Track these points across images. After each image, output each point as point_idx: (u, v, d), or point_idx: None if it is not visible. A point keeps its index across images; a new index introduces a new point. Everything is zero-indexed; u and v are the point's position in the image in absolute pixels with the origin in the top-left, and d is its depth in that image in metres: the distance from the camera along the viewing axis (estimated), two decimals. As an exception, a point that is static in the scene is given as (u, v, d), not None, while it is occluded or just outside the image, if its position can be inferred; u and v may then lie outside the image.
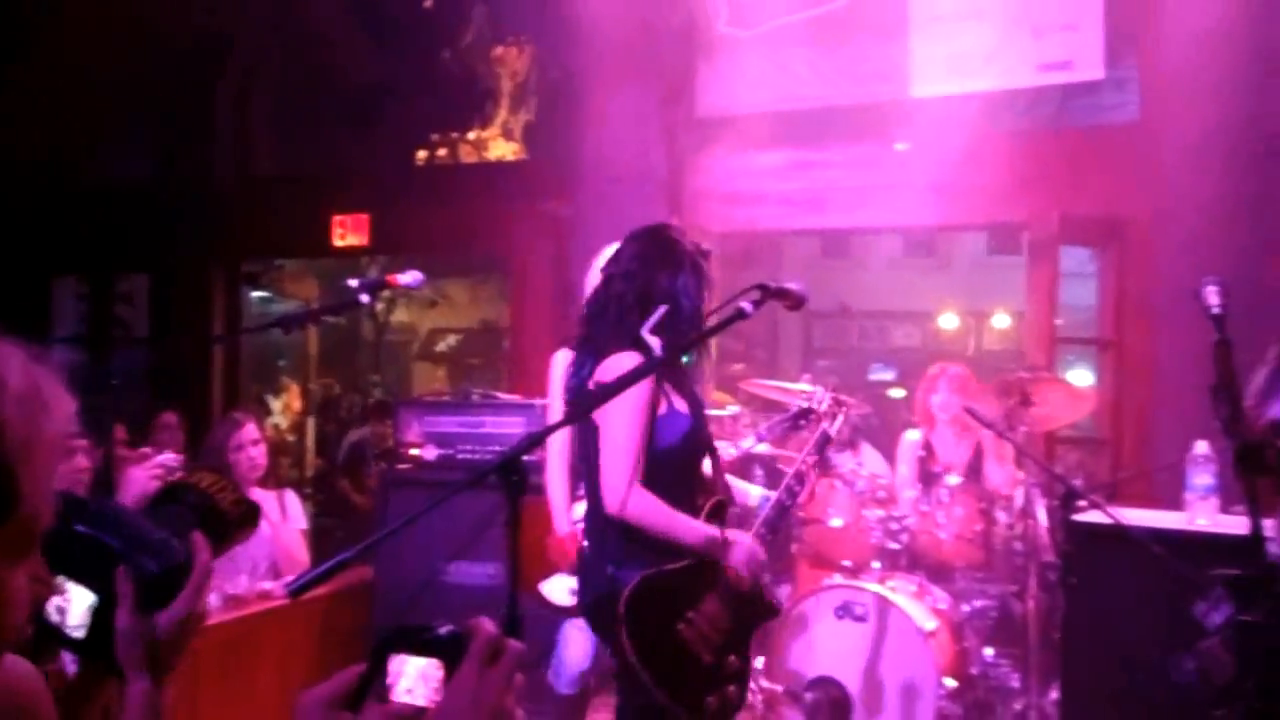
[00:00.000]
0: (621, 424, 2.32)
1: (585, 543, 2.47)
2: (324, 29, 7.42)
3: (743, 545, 2.42)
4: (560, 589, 3.33)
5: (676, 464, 2.41)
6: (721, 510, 2.48)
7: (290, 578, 3.06)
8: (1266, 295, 4.17)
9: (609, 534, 2.36)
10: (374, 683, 0.91)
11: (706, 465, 2.54)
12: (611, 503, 2.29)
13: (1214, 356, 2.01)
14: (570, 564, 3.28)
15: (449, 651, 0.89)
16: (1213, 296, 2.11)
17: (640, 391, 2.28)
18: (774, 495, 2.95)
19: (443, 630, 0.91)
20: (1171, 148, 4.94)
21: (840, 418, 3.18)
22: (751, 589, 2.42)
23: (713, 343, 2.66)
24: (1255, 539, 1.80)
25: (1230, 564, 2.10)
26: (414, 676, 0.90)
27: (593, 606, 2.43)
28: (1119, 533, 3.09)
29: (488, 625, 0.90)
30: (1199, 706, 2.34)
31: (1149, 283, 5.09)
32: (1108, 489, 4.49)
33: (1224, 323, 2.08)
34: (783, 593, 4.29)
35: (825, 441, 3.06)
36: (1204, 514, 3.15)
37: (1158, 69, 5.17)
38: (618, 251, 2.57)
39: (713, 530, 2.39)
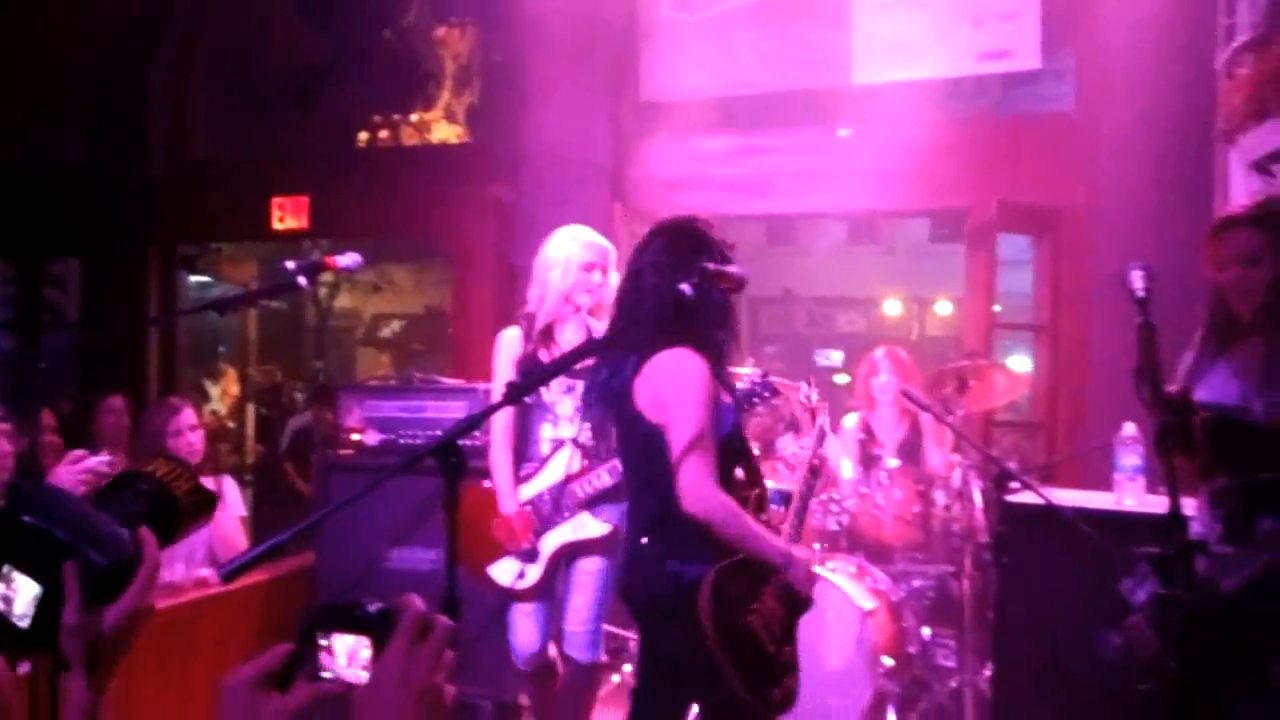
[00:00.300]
0: (698, 421, 2.26)
1: (643, 539, 2.39)
2: (262, 8, 7.27)
3: (804, 561, 2.41)
4: (508, 572, 3.31)
5: (727, 456, 2.36)
6: (762, 502, 2.47)
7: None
8: (1198, 282, 4.30)
9: (673, 530, 2.31)
10: (302, 661, 0.90)
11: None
12: (693, 502, 2.24)
13: (1138, 339, 2.07)
14: (517, 546, 3.28)
15: (378, 629, 0.89)
16: (1138, 281, 2.17)
17: (707, 386, 2.28)
18: (789, 488, 2.96)
19: (372, 608, 0.90)
20: (1106, 138, 5.06)
21: (825, 408, 3.22)
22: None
23: (743, 326, 2.56)
24: (1174, 516, 1.86)
25: (1155, 542, 2.16)
26: (343, 654, 0.89)
27: (654, 601, 2.36)
28: (1050, 513, 3.16)
29: (416, 602, 0.90)
30: (1125, 681, 2.41)
31: (1084, 269, 5.21)
32: (1042, 471, 4.59)
33: (1148, 306, 2.14)
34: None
35: (823, 435, 3.06)
36: (1131, 494, 3.23)
37: (1094, 60, 5.28)
38: (644, 244, 2.51)
39: (782, 544, 2.39)
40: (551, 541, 3.26)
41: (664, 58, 5.96)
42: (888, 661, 3.89)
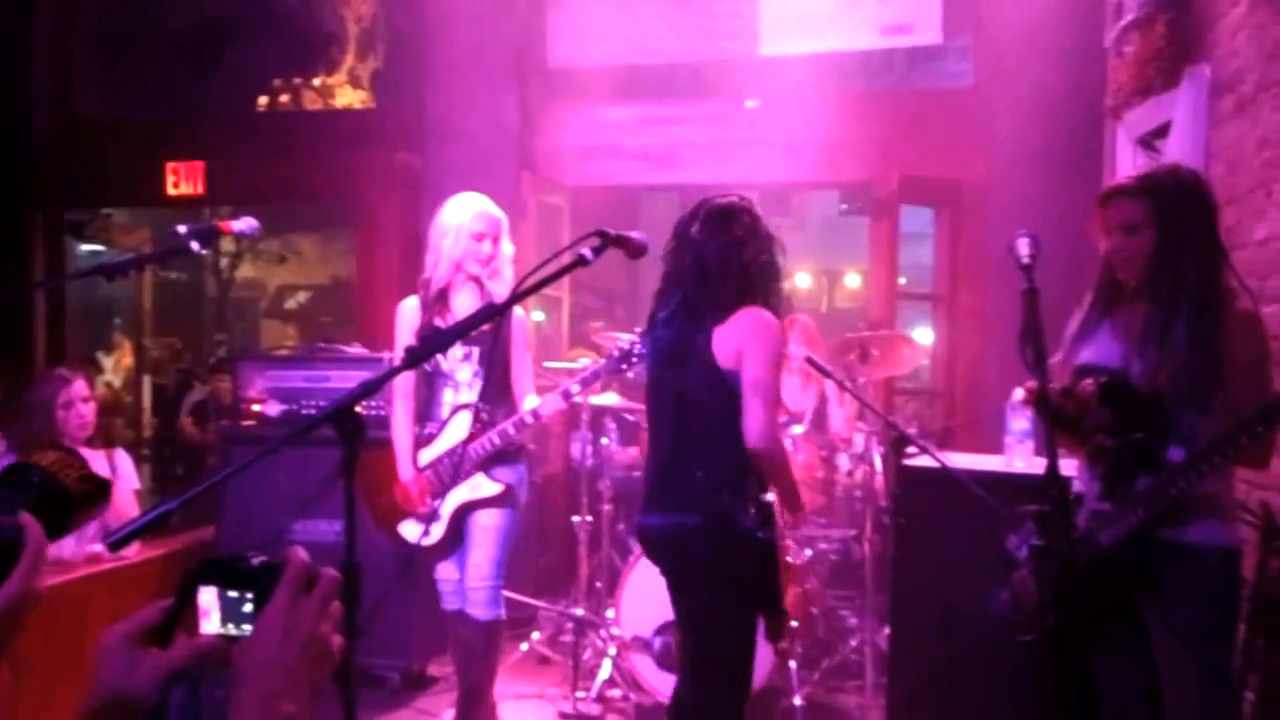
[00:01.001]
0: (772, 371, 2.58)
1: (698, 473, 2.62)
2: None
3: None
4: (414, 531, 3.43)
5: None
6: None
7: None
8: (1089, 250, 4.46)
9: (728, 465, 2.60)
10: (182, 616, 0.89)
11: None
12: (762, 439, 2.54)
13: (1022, 304, 2.14)
14: (415, 510, 3.41)
15: (261, 582, 0.88)
16: (1023, 248, 2.24)
17: (779, 344, 2.63)
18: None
19: (255, 561, 0.89)
20: (1002, 113, 5.19)
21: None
22: None
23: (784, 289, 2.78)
24: (1051, 474, 1.94)
25: (1040, 501, 2.26)
26: (225, 608, 0.88)
27: (705, 527, 2.61)
28: (944, 476, 3.27)
29: (300, 554, 0.89)
30: (1014, 635, 2.51)
31: (981, 241, 5.36)
32: (939, 436, 4.73)
33: (1032, 272, 2.21)
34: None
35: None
36: (1021, 456, 3.36)
37: (991, 37, 5.41)
38: (689, 221, 2.76)
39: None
40: (451, 501, 3.39)
41: (572, 25, 5.90)
42: (792, 624, 3.97)
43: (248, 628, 0.88)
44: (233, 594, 0.88)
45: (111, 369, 9.34)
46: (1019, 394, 3.30)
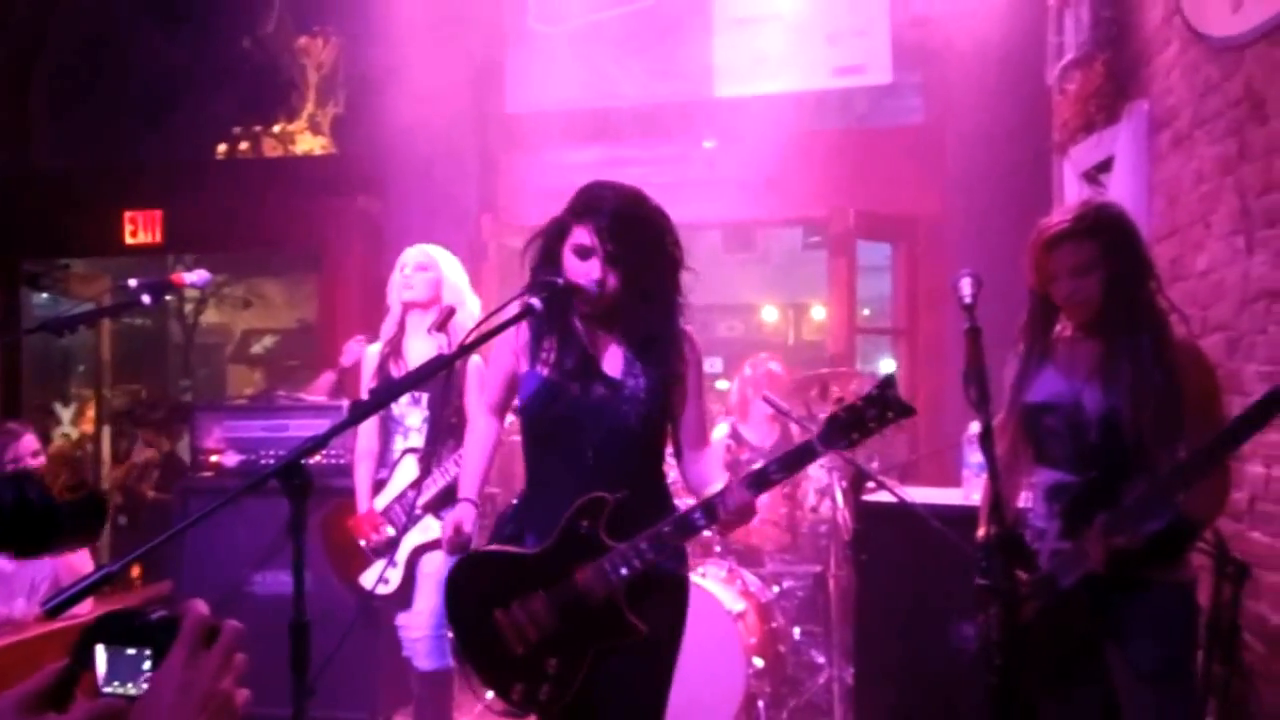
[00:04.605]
0: None
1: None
2: (111, 13, 6.95)
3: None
4: (372, 578, 3.42)
5: None
6: None
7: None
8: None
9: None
10: (79, 678, 0.86)
11: None
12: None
13: (965, 343, 2.16)
14: (371, 541, 3.45)
15: (158, 638, 0.86)
16: (966, 288, 2.26)
17: None
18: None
19: (153, 616, 0.87)
20: (953, 149, 5.30)
21: None
22: None
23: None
24: (996, 506, 1.95)
25: (986, 540, 2.26)
26: (123, 666, 0.86)
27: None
28: (904, 511, 3.29)
29: (199, 607, 0.87)
30: (978, 670, 2.51)
31: (938, 275, 5.43)
32: (900, 470, 4.76)
33: (974, 311, 2.23)
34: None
35: None
36: (979, 489, 3.37)
37: (941, 75, 5.53)
38: None
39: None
40: (405, 546, 3.39)
41: (530, 70, 5.96)
42: (758, 663, 3.96)
43: (146, 686, 0.85)
44: (130, 651, 0.86)
45: (69, 420, 9.20)
46: (975, 427, 3.34)
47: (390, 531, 3.40)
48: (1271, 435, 2.69)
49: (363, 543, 3.48)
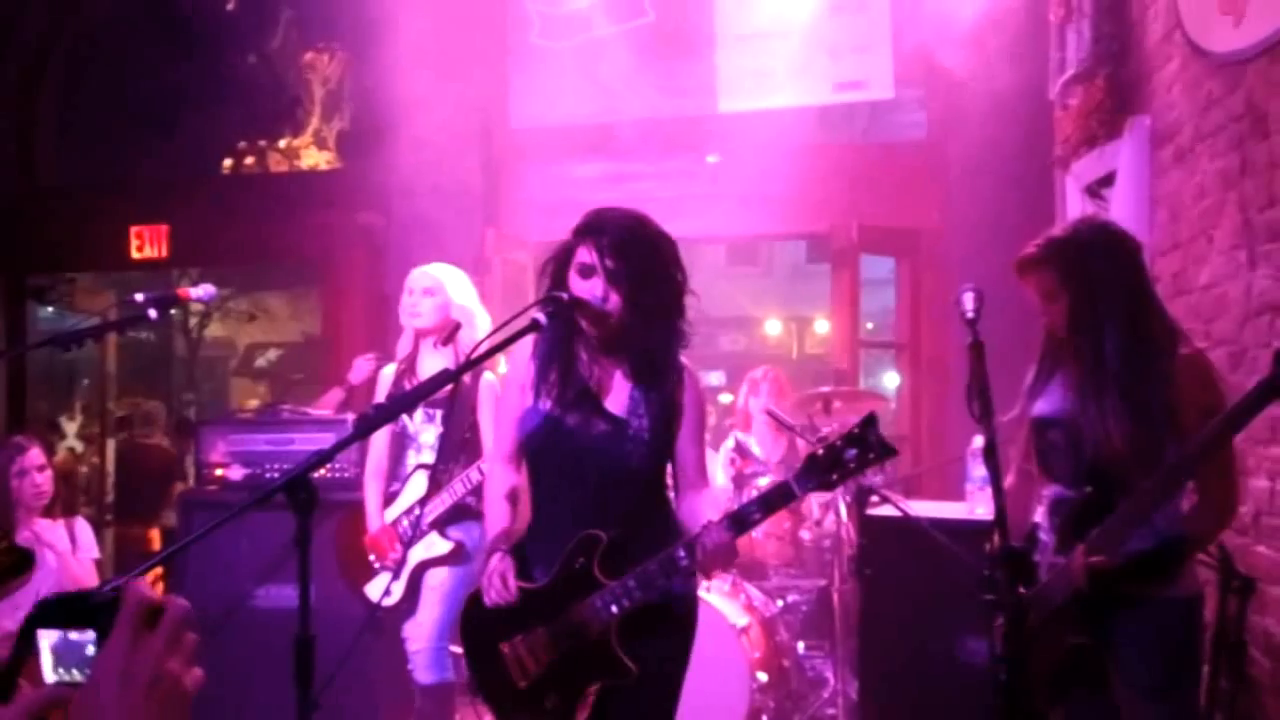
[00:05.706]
0: None
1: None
2: (117, 30, 7.00)
3: None
4: (378, 589, 3.47)
5: None
6: None
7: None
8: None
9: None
10: (23, 665, 0.84)
11: None
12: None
13: (968, 357, 2.16)
14: (385, 559, 3.47)
15: (101, 620, 0.82)
16: (968, 302, 2.26)
17: None
18: None
19: (95, 597, 0.84)
20: (957, 164, 5.32)
21: None
22: None
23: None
24: (999, 521, 1.96)
25: (990, 553, 2.26)
26: (67, 652, 0.83)
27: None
28: (908, 525, 3.29)
29: (140, 588, 0.83)
30: (985, 683, 2.50)
31: (942, 289, 5.44)
32: (903, 484, 4.76)
33: (977, 326, 2.23)
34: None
35: None
36: (982, 503, 3.38)
37: (944, 90, 5.55)
38: None
39: None
40: (411, 560, 3.44)
41: (533, 85, 5.99)
42: (762, 677, 3.96)
43: (90, 670, 0.82)
44: (74, 636, 0.83)
45: (75, 434, 9.22)
46: (979, 441, 3.34)
47: (403, 552, 3.44)
48: (1276, 450, 2.70)
49: (376, 562, 3.50)
